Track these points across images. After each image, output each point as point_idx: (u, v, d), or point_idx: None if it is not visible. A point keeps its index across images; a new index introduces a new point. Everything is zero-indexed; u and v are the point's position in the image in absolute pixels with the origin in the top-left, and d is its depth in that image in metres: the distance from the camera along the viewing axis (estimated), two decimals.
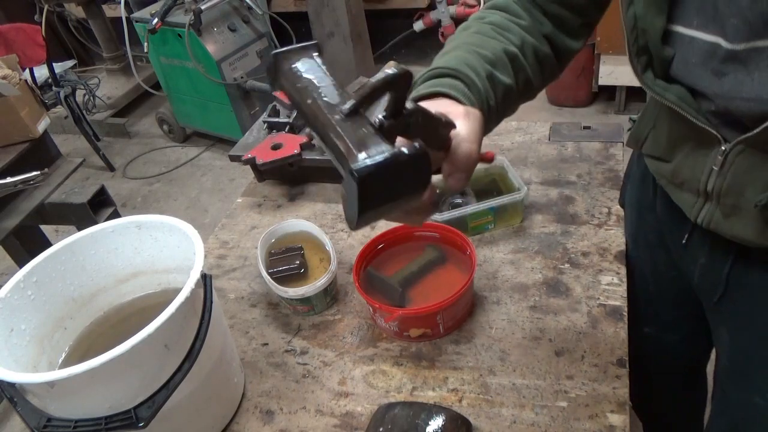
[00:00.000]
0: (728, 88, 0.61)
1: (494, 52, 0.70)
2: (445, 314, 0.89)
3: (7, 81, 1.63)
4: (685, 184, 0.77)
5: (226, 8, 2.95)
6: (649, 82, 0.69)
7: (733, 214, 0.71)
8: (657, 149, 0.83)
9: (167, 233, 0.85)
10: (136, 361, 0.65)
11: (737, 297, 0.82)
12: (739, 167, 0.67)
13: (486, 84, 0.67)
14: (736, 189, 0.69)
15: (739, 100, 0.61)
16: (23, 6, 3.71)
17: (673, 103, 0.68)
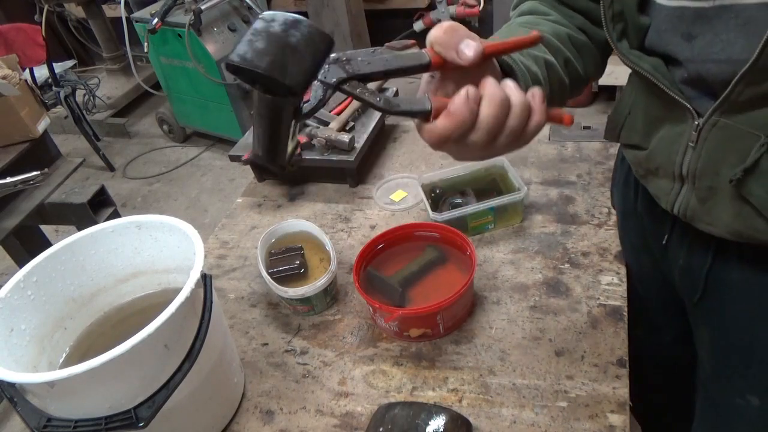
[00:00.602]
0: (698, 51, 0.61)
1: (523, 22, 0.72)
2: (445, 314, 0.89)
3: (7, 81, 1.63)
4: (661, 169, 0.76)
5: (226, 8, 2.95)
6: (624, 50, 0.68)
7: (710, 197, 0.71)
8: (633, 136, 0.82)
9: (167, 233, 0.85)
10: (136, 361, 0.65)
11: (717, 296, 0.82)
12: (713, 143, 0.66)
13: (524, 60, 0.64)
14: (712, 168, 0.68)
15: (710, 63, 0.61)
16: (23, 6, 3.71)
17: (647, 72, 0.68)
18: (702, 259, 0.80)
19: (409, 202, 1.23)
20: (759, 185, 0.64)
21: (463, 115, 0.49)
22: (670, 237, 0.84)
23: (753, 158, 0.63)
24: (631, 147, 0.84)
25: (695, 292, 0.84)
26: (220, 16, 2.91)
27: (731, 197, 0.68)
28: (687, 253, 0.83)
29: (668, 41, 0.65)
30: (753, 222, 0.67)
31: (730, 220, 0.70)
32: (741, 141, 0.64)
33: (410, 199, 1.24)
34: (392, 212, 1.22)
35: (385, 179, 1.31)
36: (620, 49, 0.69)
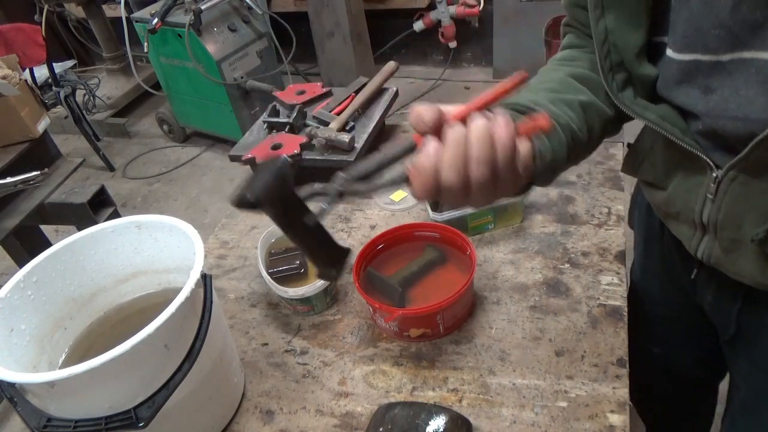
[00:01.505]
0: (713, 105, 0.57)
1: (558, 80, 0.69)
2: (445, 314, 0.89)
3: (7, 81, 1.63)
4: (681, 214, 0.73)
5: (226, 8, 2.95)
6: (627, 101, 0.64)
7: (734, 249, 0.67)
8: (652, 175, 0.78)
9: (167, 233, 0.85)
10: (136, 361, 0.65)
11: (750, 339, 0.80)
12: (733, 197, 0.62)
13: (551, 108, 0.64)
14: (733, 221, 0.64)
15: (725, 119, 0.57)
16: (23, 6, 3.71)
17: (653, 123, 0.63)
18: (732, 300, 0.78)
19: (409, 202, 1.23)
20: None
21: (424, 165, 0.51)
22: (699, 273, 0.80)
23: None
24: (650, 185, 0.80)
25: (727, 331, 0.83)
26: (220, 16, 2.91)
27: (755, 252, 0.64)
28: (716, 292, 0.80)
29: (682, 93, 0.61)
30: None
31: (756, 273, 0.66)
32: (762, 199, 0.60)
33: (410, 199, 1.24)
34: (392, 212, 1.22)
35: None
36: (622, 99, 0.64)
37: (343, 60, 3.18)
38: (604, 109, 0.69)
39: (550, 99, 0.65)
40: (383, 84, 1.46)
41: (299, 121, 1.37)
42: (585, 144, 0.67)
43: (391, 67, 1.49)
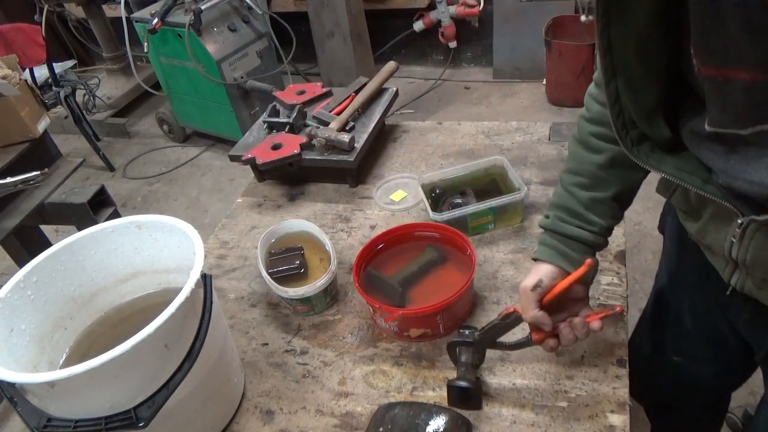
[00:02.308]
0: (733, 165, 0.58)
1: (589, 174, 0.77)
2: (445, 314, 0.89)
3: (7, 81, 1.63)
4: (712, 247, 0.73)
5: (226, 8, 2.95)
6: (642, 155, 0.65)
7: (765, 287, 0.68)
8: (685, 205, 0.78)
9: (167, 233, 0.85)
10: (136, 361, 0.65)
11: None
12: (759, 242, 0.63)
13: (586, 217, 0.77)
14: (762, 264, 0.65)
15: (741, 181, 0.57)
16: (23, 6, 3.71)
17: (670, 175, 0.64)
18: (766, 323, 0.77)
19: (409, 202, 1.23)
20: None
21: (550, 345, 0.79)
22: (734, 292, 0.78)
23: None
24: (684, 212, 0.80)
25: (763, 347, 0.82)
26: (220, 16, 2.90)
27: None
28: (752, 312, 0.79)
29: (705, 148, 0.61)
30: None
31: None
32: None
33: (410, 199, 1.24)
34: (392, 212, 1.22)
35: (385, 179, 1.31)
36: (637, 154, 0.65)
37: (343, 60, 3.18)
38: (631, 188, 0.79)
39: (584, 204, 0.78)
40: (383, 84, 1.46)
41: (299, 121, 1.37)
42: (622, 218, 0.81)
43: (391, 67, 1.49)
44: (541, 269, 0.78)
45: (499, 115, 3.22)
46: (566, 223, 0.78)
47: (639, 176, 0.78)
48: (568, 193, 0.79)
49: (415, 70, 3.84)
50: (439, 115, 3.33)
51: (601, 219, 0.77)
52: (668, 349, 1.05)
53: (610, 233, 0.80)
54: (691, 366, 1.04)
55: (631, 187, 0.79)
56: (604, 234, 0.78)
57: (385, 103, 1.43)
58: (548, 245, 0.79)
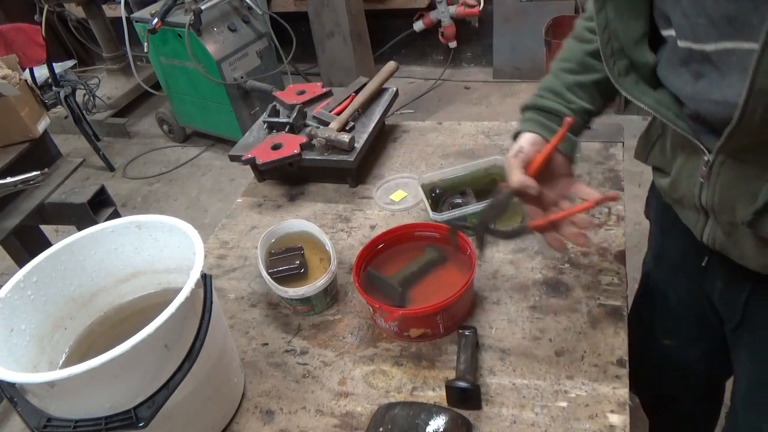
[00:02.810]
0: (700, 89, 0.61)
1: (576, 60, 0.81)
2: (445, 314, 0.89)
3: (7, 81, 1.63)
4: (684, 199, 0.76)
5: (226, 8, 2.95)
6: (627, 85, 0.68)
7: (733, 232, 0.70)
8: (660, 160, 0.82)
9: (167, 233, 0.85)
10: (136, 361, 0.65)
11: (755, 327, 0.81)
12: (725, 180, 0.66)
13: (566, 96, 0.81)
14: (728, 204, 0.67)
15: (707, 102, 0.60)
16: (23, 6, 3.71)
17: (649, 107, 0.67)
18: (740, 288, 0.79)
19: (409, 202, 1.23)
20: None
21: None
22: (710, 260, 0.83)
23: (762, 200, 0.62)
24: (658, 170, 0.84)
25: (733, 317, 0.84)
26: (220, 16, 2.91)
27: (752, 236, 0.67)
28: (726, 280, 0.82)
29: (676, 76, 0.64)
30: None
31: (756, 255, 0.69)
32: (750, 182, 0.63)
33: (410, 199, 1.24)
34: (392, 212, 1.22)
35: (385, 179, 1.31)
36: (622, 84, 0.69)
37: (343, 60, 3.18)
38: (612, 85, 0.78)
39: (567, 85, 0.81)
40: (383, 84, 1.46)
41: (299, 121, 1.37)
42: (601, 109, 0.84)
43: (391, 67, 1.49)
44: (522, 138, 0.81)
45: (499, 115, 3.22)
46: (546, 99, 0.82)
47: None
48: (553, 76, 0.84)
49: (415, 70, 3.84)
50: (439, 115, 3.33)
51: (580, 100, 0.81)
52: (658, 331, 1.07)
53: (587, 116, 0.83)
54: (680, 348, 1.06)
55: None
56: (580, 114, 0.81)
57: (385, 103, 1.43)
58: (528, 118, 0.83)
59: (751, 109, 0.54)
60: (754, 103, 0.53)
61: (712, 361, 1.05)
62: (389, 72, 1.48)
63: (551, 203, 0.80)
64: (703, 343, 1.03)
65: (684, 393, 1.18)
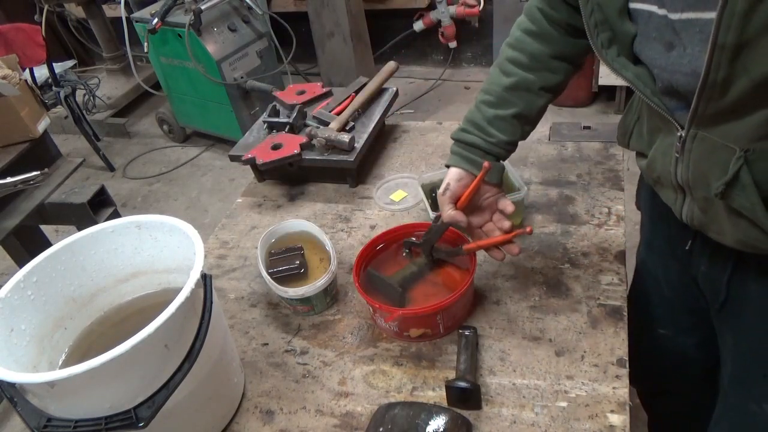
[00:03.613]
0: (672, 61, 0.63)
1: (496, 94, 0.87)
2: (445, 314, 0.89)
3: (7, 81, 1.63)
4: (662, 178, 0.78)
5: (226, 8, 2.95)
6: (609, 58, 0.70)
7: (708, 208, 0.72)
8: (639, 142, 0.84)
9: (167, 233, 0.85)
10: (136, 361, 0.65)
11: (737, 305, 0.82)
12: (696, 154, 0.68)
13: (487, 130, 0.88)
14: (701, 179, 0.69)
15: (678, 74, 0.62)
16: (23, 6, 3.71)
17: (629, 81, 0.70)
18: (722, 267, 0.81)
19: (409, 202, 1.23)
20: (744, 197, 0.65)
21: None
22: (693, 243, 0.85)
23: (732, 171, 0.64)
24: (639, 154, 0.86)
25: (717, 299, 0.85)
26: (220, 16, 2.91)
27: (725, 208, 0.69)
28: (709, 261, 0.84)
29: (651, 49, 0.66)
30: (750, 232, 0.68)
31: (731, 231, 0.71)
32: (720, 154, 0.65)
33: (410, 199, 1.24)
34: (392, 212, 1.22)
35: (385, 179, 1.31)
36: (605, 56, 0.71)
37: (343, 60, 3.18)
38: (531, 111, 0.88)
39: (487, 119, 0.88)
40: (383, 84, 1.46)
41: (299, 121, 1.37)
42: (524, 136, 0.91)
43: (391, 67, 1.49)
44: (450, 174, 0.90)
45: None
46: (469, 133, 0.89)
47: (539, 102, 0.88)
48: (476, 109, 0.90)
49: (415, 70, 3.84)
50: (439, 115, 3.33)
51: (499, 133, 0.88)
52: (654, 321, 1.08)
53: (509, 146, 0.90)
54: (676, 337, 1.07)
55: (531, 109, 0.88)
56: (501, 146, 0.89)
57: (385, 103, 1.43)
58: (454, 152, 0.91)
59: (714, 68, 0.57)
60: (717, 61, 0.56)
61: (708, 350, 1.05)
62: (389, 72, 1.48)
63: (480, 228, 0.91)
64: (698, 332, 1.03)
65: (681, 383, 1.18)
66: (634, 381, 1.06)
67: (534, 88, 0.86)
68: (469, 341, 0.86)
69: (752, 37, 0.53)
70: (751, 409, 0.86)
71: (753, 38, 0.53)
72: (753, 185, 0.64)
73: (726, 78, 0.57)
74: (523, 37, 0.86)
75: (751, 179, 0.64)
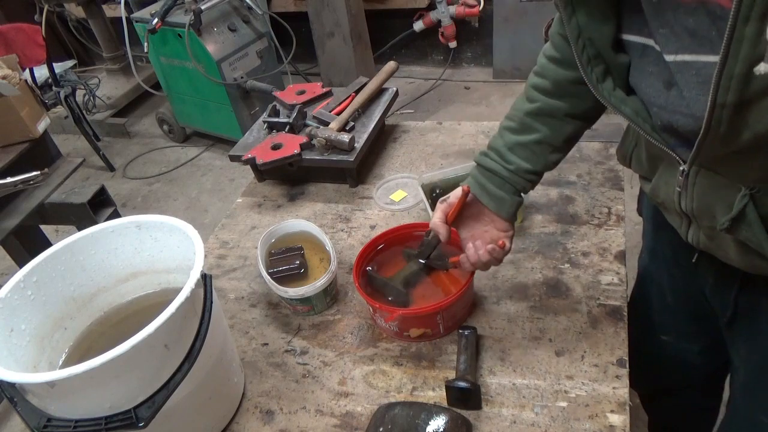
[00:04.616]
0: (672, 100, 0.61)
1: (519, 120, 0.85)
2: (445, 314, 0.89)
3: (7, 81, 1.63)
4: (666, 204, 0.77)
5: (226, 8, 2.94)
6: (606, 93, 0.68)
7: (714, 236, 0.71)
8: (640, 167, 0.84)
9: (167, 233, 0.85)
10: (136, 361, 0.65)
11: (747, 320, 0.82)
12: (701, 189, 0.67)
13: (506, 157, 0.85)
14: (707, 212, 0.68)
15: (678, 114, 0.61)
16: (23, 6, 3.71)
17: (628, 117, 0.68)
18: (730, 283, 0.80)
19: (409, 202, 1.23)
20: (750, 233, 0.64)
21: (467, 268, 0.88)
22: (700, 257, 0.84)
23: (737, 208, 0.63)
24: (641, 176, 0.86)
25: (726, 311, 0.84)
26: (220, 16, 2.90)
27: (732, 239, 0.68)
28: (716, 275, 0.84)
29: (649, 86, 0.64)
30: (757, 262, 0.68)
31: (738, 258, 0.70)
32: (725, 190, 0.64)
33: (410, 199, 1.24)
34: (392, 212, 1.22)
35: (385, 179, 1.31)
36: (601, 91, 0.69)
37: (343, 60, 3.18)
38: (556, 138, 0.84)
39: (508, 146, 0.85)
40: (383, 84, 1.46)
41: (299, 121, 1.37)
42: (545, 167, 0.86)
43: (391, 67, 1.49)
44: (457, 189, 0.88)
45: (499, 115, 3.19)
46: (489, 158, 0.87)
47: (566, 129, 0.84)
48: (498, 135, 0.88)
49: (415, 70, 3.83)
50: (439, 115, 3.33)
51: (520, 160, 0.84)
52: (656, 328, 1.07)
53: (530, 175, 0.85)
54: (678, 344, 1.06)
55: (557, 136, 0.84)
56: (521, 174, 0.85)
57: (385, 103, 1.43)
58: (472, 175, 0.89)
59: (715, 123, 0.55)
60: (717, 117, 0.54)
61: (711, 356, 1.05)
62: (389, 72, 1.48)
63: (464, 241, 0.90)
64: (701, 338, 1.03)
65: (683, 388, 1.18)
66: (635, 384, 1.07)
67: (559, 114, 0.82)
68: (469, 341, 0.86)
69: (753, 97, 0.51)
70: (759, 419, 0.86)
71: (754, 98, 0.52)
72: (759, 221, 0.63)
73: (727, 132, 0.55)
74: (547, 63, 0.83)
75: (757, 215, 0.63)
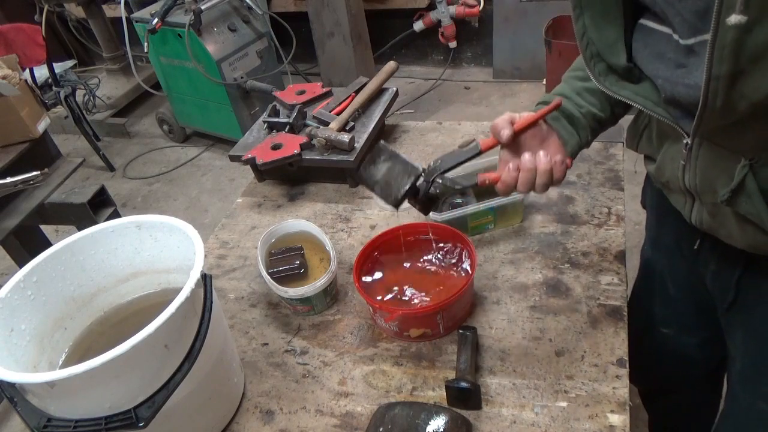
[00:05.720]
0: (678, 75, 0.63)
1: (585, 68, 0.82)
2: (445, 314, 0.89)
3: (7, 81, 1.63)
4: (670, 182, 0.79)
5: (226, 8, 2.94)
6: (608, 83, 0.72)
7: (717, 213, 0.73)
8: (649, 146, 0.85)
9: (167, 233, 0.85)
10: (136, 361, 0.65)
11: (748, 305, 0.83)
12: (703, 162, 0.69)
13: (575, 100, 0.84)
14: (708, 186, 0.70)
15: (681, 86, 0.63)
16: (23, 6, 3.71)
17: (626, 98, 0.71)
18: (732, 267, 0.81)
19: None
20: (750, 205, 0.66)
21: (507, 181, 0.79)
22: (702, 242, 0.85)
23: (737, 180, 0.65)
24: (648, 158, 0.87)
25: (726, 298, 0.85)
26: (220, 16, 2.90)
27: (733, 214, 0.69)
28: (718, 260, 0.84)
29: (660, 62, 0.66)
30: (759, 237, 0.69)
31: (740, 235, 0.71)
32: (726, 162, 0.66)
33: None
34: (392, 212, 1.22)
35: None
36: (602, 82, 0.72)
37: (343, 60, 3.18)
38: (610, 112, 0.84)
39: (576, 89, 0.84)
40: (383, 84, 1.46)
41: (299, 121, 1.37)
42: (609, 117, 0.85)
43: (391, 67, 1.49)
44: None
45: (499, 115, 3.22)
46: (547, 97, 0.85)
47: None
48: (564, 83, 0.88)
49: (415, 70, 3.84)
50: (439, 115, 3.33)
51: (588, 104, 0.84)
52: (657, 320, 1.08)
53: (595, 123, 0.84)
54: (678, 337, 1.07)
55: None
56: (588, 118, 0.83)
57: (385, 103, 1.43)
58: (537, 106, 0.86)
59: (712, 94, 0.58)
60: (714, 89, 0.57)
61: (711, 350, 1.06)
62: (389, 72, 1.48)
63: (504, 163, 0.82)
64: (702, 331, 1.03)
65: (683, 382, 1.19)
66: (635, 380, 1.07)
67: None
68: (469, 341, 0.86)
69: (746, 66, 0.54)
70: (759, 407, 0.86)
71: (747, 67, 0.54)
72: (759, 193, 0.64)
73: (724, 104, 0.58)
74: None
75: (757, 187, 0.64)
